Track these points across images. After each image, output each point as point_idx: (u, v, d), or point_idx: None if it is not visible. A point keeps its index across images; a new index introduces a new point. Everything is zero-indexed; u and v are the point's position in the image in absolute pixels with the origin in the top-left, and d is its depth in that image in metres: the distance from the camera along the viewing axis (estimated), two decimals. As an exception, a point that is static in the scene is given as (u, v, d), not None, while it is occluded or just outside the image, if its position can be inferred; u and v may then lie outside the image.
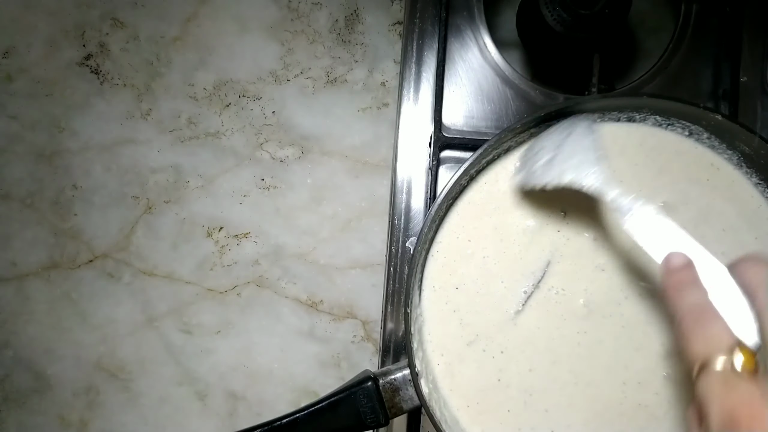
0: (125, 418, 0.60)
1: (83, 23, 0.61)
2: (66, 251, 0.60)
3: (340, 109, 0.60)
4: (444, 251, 0.44)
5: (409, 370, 0.41)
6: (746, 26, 0.53)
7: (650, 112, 0.44)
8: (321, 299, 0.60)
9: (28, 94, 0.60)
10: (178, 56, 0.61)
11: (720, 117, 0.41)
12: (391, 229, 0.53)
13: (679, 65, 0.54)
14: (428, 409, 0.40)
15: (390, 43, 0.61)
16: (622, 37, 0.59)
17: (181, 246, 0.60)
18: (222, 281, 0.60)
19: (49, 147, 0.60)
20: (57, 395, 0.60)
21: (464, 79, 0.54)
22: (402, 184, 0.54)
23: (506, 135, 0.42)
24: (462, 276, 0.44)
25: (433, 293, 0.44)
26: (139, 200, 0.60)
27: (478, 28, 0.54)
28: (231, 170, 0.60)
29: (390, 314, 0.52)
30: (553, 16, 0.47)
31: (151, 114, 0.60)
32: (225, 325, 0.60)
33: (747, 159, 0.43)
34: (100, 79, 0.61)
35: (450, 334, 0.43)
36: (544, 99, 0.54)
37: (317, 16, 0.61)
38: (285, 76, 0.60)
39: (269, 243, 0.60)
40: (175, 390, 0.60)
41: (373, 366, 0.59)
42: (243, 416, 0.60)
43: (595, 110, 0.44)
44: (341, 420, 0.41)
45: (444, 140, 0.51)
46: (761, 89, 0.53)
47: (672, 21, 0.56)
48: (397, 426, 0.52)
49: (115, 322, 0.60)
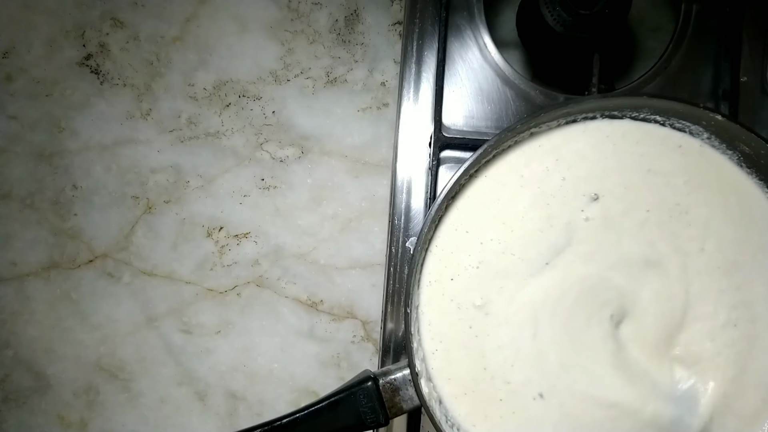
0: (125, 418, 0.60)
1: (83, 23, 0.61)
2: (66, 251, 0.60)
3: (340, 109, 0.60)
4: (442, 246, 0.44)
5: (409, 370, 0.41)
6: (746, 26, 0.53)
7: (650, 111, 0.44)
8: (321, 299, 0.60)
9: (28, 94, 0.60)
10: (178, 56, 0.61)
11: (720, 117, 0.41)
12: (391, 229, 0.53)
13: (679, 65, 0.54)
14: (428, 409, 0.40)
15: (390, 43, 0.61)
16: (622, 37, 0.59)
17: (181, 246, 0.60)
18: (222, 281, 0.60)
19: (49, 147, 0.60)
20: (57, 395, 0.60)
21: (464, 79, 0.54)
22: (402, 184, 0.54)
23: (506, 135, 0.42)
24: (457, 267, 0.43)
25: (430, 288, 0.43)
26: (139, 200, 0.60)
27: (478, 28, 0.54)
28: (231, 170, 0.60)
29: (390, 314, 0.52)
30: (553, 16, 0.47)
31: (151, 114, 0.60)
32: (225, 325, 0.60)
33: (747, 159, 0.43)
34: (100, 79, 0.61)
35: (449, 327, 0.43)
36: (544, 99, 0.54)
37: (317, 16, 0.61)
38: (285, 76, 0.60)
39: (269, 243, 0.60)
40: (175, 390, 0.60)
41: (373, 366, 0.59)
42: (243, 416, 0.60)
43: (595, 110, 0.44)
44: (341, 420, 0.41)
45: (444, 140, 0.51)
46: (761, 89, 0.53)
47: (672, 21, 0.56)
48: (397, 426, 0.52)
49: (115, 322, 0.60)
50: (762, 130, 0.44)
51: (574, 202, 0.43)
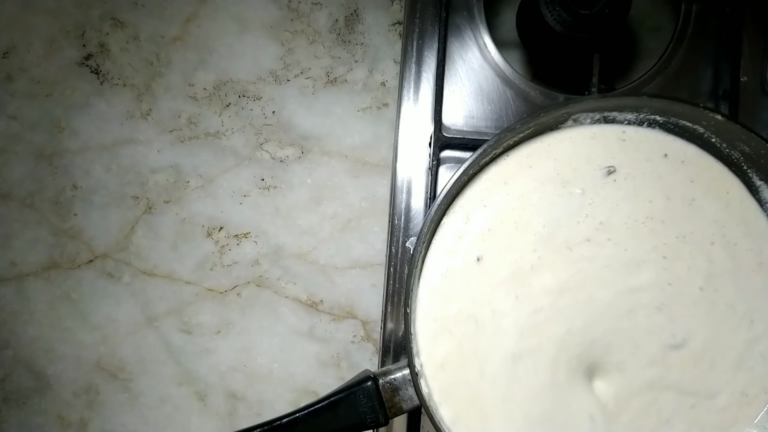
0: (125, 418, 0.60)
1: (83, 23, 0.61)
2: (66, 251, 0.60)
3: (340, 109, 0.60)
4: (442, 246, 0.44)
5: (409, 370, 0.41)
6: (746, 26, 0.53)
7: (650, 111, 0.44)
8: (321, 299, 0.60)
9: (28, 94, 0.60)
10: (178, 56, 0.61)
11: (720, 117, 0.41)
12: (391, 229, 0.53)
13: (679, 65, 0.54)
14: (428, 409, 0.40)
15: (390, 43, 0.61)
16: (622, 37, 0.59)
17: (181, 246, 0.60)
18: (222, 281, 0.60)
19: (49, 147, 0.60)
20: (57, 395, 0.60)
21: (464, 79, 0.54)
22: (402, 184, 0.54)
23: (506, 135, 0.42)
24: (458, 267, 0.43)
25: (430, 288, 0.43)
26: (139, 200, 0.60)
27: (478, 28, 0.54)
28: (231, 170, 0.60)
29: (390, 314, 0.52)
30: (553, 16, 0.48)
31: (151, 114, 0.60)
32: (225, 325, 0.60)
33: (747, 159, 0.43)
34: (100, 79, 0.61)
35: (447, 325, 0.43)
36: (544, 99, 0.54)
37: (317, 16, 0.61)
38: (285, 76, 0.60)
39: (269, 243, 0.60)
40: (175, 390, 0.60)
41: (373, 366, 0.59)
42: (243, 416, 0.60)
43: (595, 110, 0.44)
44: (341, 420, 0.41)
45: (444, 140, 0.51)
46: (761, 89, 0.53)
47: (672, 21, 0.56)
48: (397, 426, 0.52)
49: (115, 322, 0.60)
50: (762, 130, 0.44)
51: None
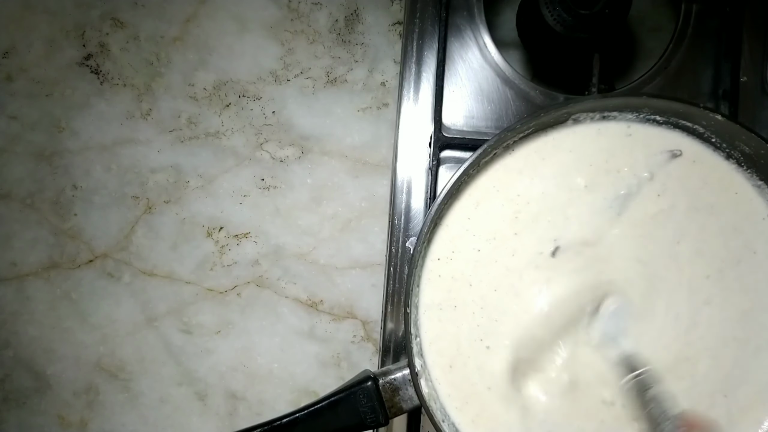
0: (125, 418, 0.60)
1: (83, 23, 0.61)
2: (66, 251, 0.60)
3: (340, 109, 0.60)
4: (442, 246, 0.44)
5: (409, 370, 0.41)
6: (746, 26, 0.53)
7: (650, 112, 0.44)
8: (321, 299, 0.60)
9: (28, 94, 0.60)
10: (178, 56, 0.61)
11: (720, 117, 0.41)
12: (391, 229, 0.53)
13: (679, 65, 0.54)
14: (428, 409, 0.40)
15: (390, 43, 0.61)
16: (622, 37, 0.59)
17: (181, 246, 0.60)
18: (222, 281, 0.60)
19: (49, 147, 0.60)
20: (57, 395, 0.60)
21: (464, 79, 0.54)
22: (402, 184, 0.54)
23: (506, 135, 0.42)
24: (457, 267, 0.43)
25: (430, 288, 0.43)
26: (139, 200, 0.60)
27: (478, 28, 0.54)
28: (231, 170, 0.60)
29: (390, 314, 0.52)
30: (553, 16, 0.47)
31: (151, 114, 0.60)
32: (225, 325, 0.60)
33: (747, 159, 0.43)
34: (100, 79, 0.61)
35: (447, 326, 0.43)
36: (544, 99, 0.54)
37: (317, 16, 0.61)
38: (285, 76, 0.60)
39: (269, 243, 0.60)
40: (175, 390, 0.60)
41: (373, 366, 0.59)
42: (243, 416, 0.60)
43: (595, 110, 0.44)
44: (341, 420, 0.41)
45: (444, 140, 0.51)
46: (761, 89, 0.53)
47: (672, 21, 0.56)
48: (397, 426, 0.52)
49: (115, 322, 0.60)
50: (762, 130, 0.44)
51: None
